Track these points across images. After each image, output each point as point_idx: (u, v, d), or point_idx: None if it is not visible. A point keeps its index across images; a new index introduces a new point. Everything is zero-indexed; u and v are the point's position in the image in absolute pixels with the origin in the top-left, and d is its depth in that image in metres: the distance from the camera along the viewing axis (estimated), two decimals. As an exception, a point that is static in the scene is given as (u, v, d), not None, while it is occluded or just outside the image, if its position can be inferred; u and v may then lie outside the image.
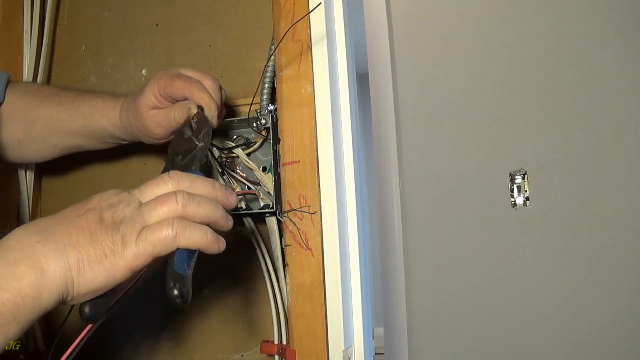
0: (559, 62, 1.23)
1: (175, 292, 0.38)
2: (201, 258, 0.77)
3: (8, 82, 0.65)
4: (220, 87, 0.59)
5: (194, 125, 0.54)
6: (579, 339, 1.18)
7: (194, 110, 0.55)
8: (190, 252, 0.40)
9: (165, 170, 0.50)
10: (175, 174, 0.42)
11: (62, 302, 0.37)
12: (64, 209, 0.40)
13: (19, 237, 0.37)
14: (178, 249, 0.40)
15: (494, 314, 1.26)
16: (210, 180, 0.44)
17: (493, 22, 1.30)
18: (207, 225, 0.42)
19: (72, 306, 0.49)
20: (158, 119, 0.58)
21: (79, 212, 0.39)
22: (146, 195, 0.41)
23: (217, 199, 0.43)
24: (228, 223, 0.44)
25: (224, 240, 0.43)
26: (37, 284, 0.35)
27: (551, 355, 1.21)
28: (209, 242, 0.41)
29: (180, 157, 0.50)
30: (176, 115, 0.57)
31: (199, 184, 0.43)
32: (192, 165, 0.49)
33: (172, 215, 0.40)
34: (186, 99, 0.56)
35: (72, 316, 0.54)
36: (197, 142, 0.52)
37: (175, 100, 0.57)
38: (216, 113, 0.56)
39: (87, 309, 0.39)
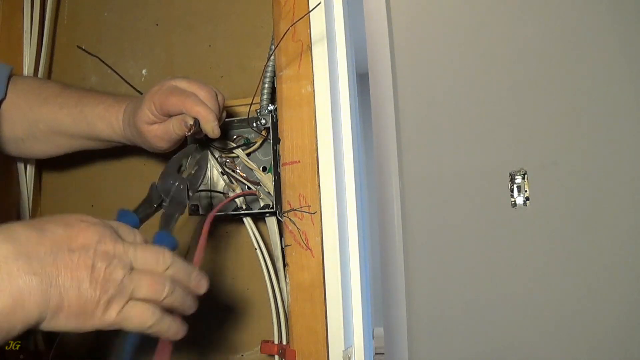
0: (560, 62, 1.23)
1: None
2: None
3: (10, 76, 0.64)
4: (217, 94, 0.59)
5: (194, 167, 0.54)
6: (579, 338, 1.18)
7: (190, 122, 0.55)
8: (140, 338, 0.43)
9: (147, 203, 0.50)
10: (171, 256, 0.43)
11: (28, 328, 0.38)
12: (53, 223, 0.39)
13: (6, 258, 0.36)
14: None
15: (494, 314, 1.26)
16: (195, 269, 0.45)
17: (493, 22, 1.30)
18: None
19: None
20: (158, 132, 0.58)
21: (70, 246, 0.38)
22: (139, 261, 0.41)
23: (189, 288, 0.45)
24: (192, 310, 0.46)
25: (185, 328, 0.45)
26: (15, 317, 0.35)
27: (551, 355, 1.21)
28: (170, 334, 0.43)
29: (165, 200, 0.51)
30: (175, 128, 0.58)
31: (184, 272, 0.44)
32: (172, 221, 0.50)
33: (158, 298, 0.41)
34: (182, 113, 0.56)
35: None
36: (188, 196, 0.52)
37: (172, 115, 0.58)
38: (215, 123, 0.56)
39: None
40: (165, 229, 0.49)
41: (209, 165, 0.68)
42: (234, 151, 0.66)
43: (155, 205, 0.50)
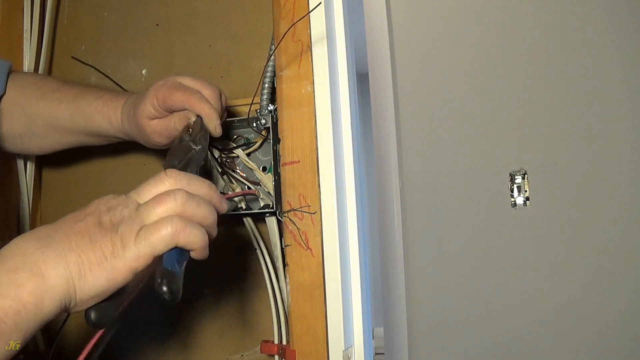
0: (559, 62, 1.23)
1: (164, 288, 0.37)
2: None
3: (9, 72, 0.64)
4: (221, 94, 0.58)
5: (191, 130, 0.54)
6: (579, 339, 1.18)
7: (193, 119, 0.55)
8: (181, 250, 0.40)
9: (165, 166, 0.50)
10: (172, 172, 0.42)
11: (65, 309, 0.37)
12: (64, 217, 0.40)
13: (18, 244, 0.37)
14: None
15: (494, 314, 1.26)
16: (207, 181, 0.43)
17: (493, 22, 1.30)
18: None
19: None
20: (158, 128, 0.58)
21: (77, 218, 0.39)
22: (144, 195, 0.41)
23: (212, 201, 0.42)
24: (216, 230, 0.43)
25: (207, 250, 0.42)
26: (38, 290, 0.35)
27: (551, 355, 1.21)
28: (204, 244, 0.40)
29: (177, 161, 0.50)
30: (176, 124, 0.57)
31: (196, 184, 0.42)
32: (188, 168, 0.49)
33: (171, 213, 0.39)
34: (186, 109, 0.56)
35: (73, 317, 0.54)
36: (193, 146, 0.52)
37: (174, 111, 0.57)
38: (218, 122, 0.56)
39: (92, 315, 0.39)
40: None
41: (208, 166, 0.68)
42: (234, 151, 0.66)
43: None
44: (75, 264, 0.36)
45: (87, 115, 0.62)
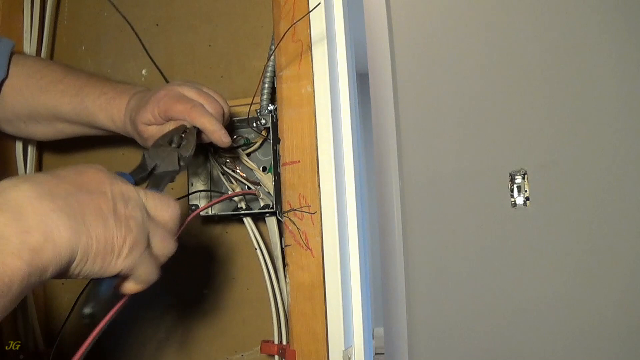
0: (559, 62, 1.23)
1: (87, 311, 0.37)
2: (202, 258, 0.76)
3: (12, 53, 0.64)
4: (224, 110, 0.58)
5: (183, 138, 0.54)
6: (579, 338, 1.18)
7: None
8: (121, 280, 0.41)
9: (141, 168, 0.50)
10: (176, 207, 0.43)
11: (57, 276, 0.37)
12: (65, 170, 0.38)
13: (29, 197, 0.34)
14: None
15: (494, 313, 1.26)
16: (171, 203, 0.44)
17: (493, 22, 1.30)
18: None
19: (73, 307, 0.50)
20: (154, 133, 0.59)
21: (89, 187, 0.37)
22: (150, 204, 0.41)
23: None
24: None
25: None
26: (48, 258, 0.34)
27: (551, 355, 1.21)
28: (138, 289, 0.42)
29: (157, 165, 0.50)
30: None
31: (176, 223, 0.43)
32: (162, 183, 0.50)
33: (163, 254, 0.41)
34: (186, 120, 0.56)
35: (73, 317, 0.54)
36: (179, 163, 0.52)
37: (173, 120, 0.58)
38: (222, 132, 0.56)
39: (87, 310, 0.38)
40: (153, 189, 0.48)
41: (208, 166, 0.68)
42: (234, 151, 0.66)
43: (149, 170, 0.50)
44: (84, 245, 0.35)
45: (90, 112, 0.62)
